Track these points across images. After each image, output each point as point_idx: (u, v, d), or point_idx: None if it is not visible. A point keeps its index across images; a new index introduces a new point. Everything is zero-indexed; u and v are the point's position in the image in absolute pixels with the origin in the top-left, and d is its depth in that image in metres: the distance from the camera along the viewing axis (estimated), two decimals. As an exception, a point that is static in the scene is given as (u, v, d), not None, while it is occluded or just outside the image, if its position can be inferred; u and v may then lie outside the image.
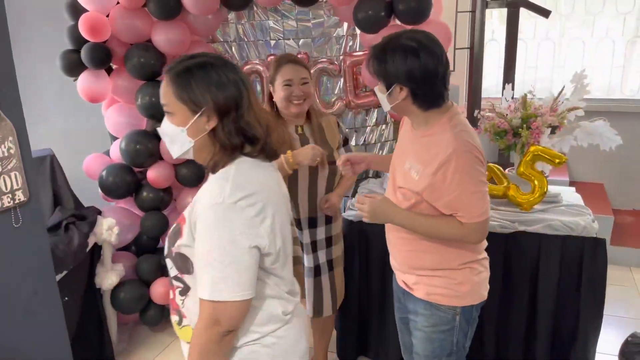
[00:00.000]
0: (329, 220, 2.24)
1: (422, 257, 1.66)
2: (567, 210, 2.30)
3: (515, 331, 2.31)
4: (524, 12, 3.67)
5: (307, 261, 2.26)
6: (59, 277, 2.27)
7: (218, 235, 1.13)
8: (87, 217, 2.56)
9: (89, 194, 2.88)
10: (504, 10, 3.76)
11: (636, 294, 3.29)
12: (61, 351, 1.92)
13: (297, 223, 2.21)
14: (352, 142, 3.09)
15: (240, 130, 1.20)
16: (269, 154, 1.27)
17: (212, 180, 1.20)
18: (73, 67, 2.74)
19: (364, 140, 3.11)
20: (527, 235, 2.20)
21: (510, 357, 2.35)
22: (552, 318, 2.22)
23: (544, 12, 3.55)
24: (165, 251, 1.30)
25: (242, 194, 1.14)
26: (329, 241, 2.27)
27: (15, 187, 1.63)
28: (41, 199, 1.84)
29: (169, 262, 1.28)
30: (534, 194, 2.29)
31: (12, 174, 1.61)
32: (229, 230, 1.12)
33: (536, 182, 2.29)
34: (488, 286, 1.71)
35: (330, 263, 2.29)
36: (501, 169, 2.46)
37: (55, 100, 3.48)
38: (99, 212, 2.68)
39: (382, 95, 1.58)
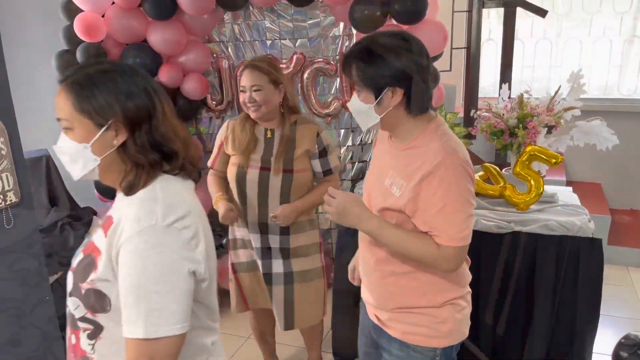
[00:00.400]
0: (285, 231, 2.14)
1: (403, 292, 1.46)
2: (563, 211, 2.29)
3: (511, 332, 2.30)
4: (520, 12, 3.68)
5: (260, 266, 2.20)
6: (54, 277, 2.27)
7: (153, 263, 0.98)
8: (82, 217, 2.57)
9: (85, 195, 2.87)
10: (501, 10, 3.76)
11: (633, 294, 3.29)
12: (54, 353, 1.91)
13: (246, 225, 2.16)
14: (349, 142, 3.08)
15: (155, 144, 1.06)
16: (189, 170, 1.13)
17: (135, 203, 1.04)
18: (68, 67, 2.73)
19: (361, 141, 3.10)
20: (524, 235, 2.19)
21: (507, 357, 2.34)
22: (548, 318, 2.21)
23: (541, 12, 3.55)
24: (69, 288, 1.11)
25: (176, 216, 1.02)
26: (285, 253, 2.17)
27: (6, 188, 1.62)
28: (34, 200, 1.83)
29: (73, 302, 1.09)
30: (530, 194, 2.29)
31: (4, 175, 1.61)
32: (166, 256, 1.00)
33: (532, 182, 2.28)
34: (470, 322, 1.53)
35: (289, 276, 2.18)
36: (497, 168, 2.46)
37: (51, 101, 3.45)
38: (95, 213, 2.68)
39: (366, 107, 1.38)
